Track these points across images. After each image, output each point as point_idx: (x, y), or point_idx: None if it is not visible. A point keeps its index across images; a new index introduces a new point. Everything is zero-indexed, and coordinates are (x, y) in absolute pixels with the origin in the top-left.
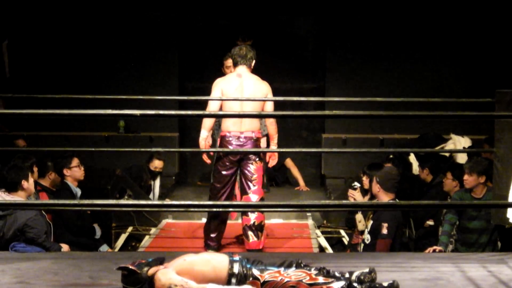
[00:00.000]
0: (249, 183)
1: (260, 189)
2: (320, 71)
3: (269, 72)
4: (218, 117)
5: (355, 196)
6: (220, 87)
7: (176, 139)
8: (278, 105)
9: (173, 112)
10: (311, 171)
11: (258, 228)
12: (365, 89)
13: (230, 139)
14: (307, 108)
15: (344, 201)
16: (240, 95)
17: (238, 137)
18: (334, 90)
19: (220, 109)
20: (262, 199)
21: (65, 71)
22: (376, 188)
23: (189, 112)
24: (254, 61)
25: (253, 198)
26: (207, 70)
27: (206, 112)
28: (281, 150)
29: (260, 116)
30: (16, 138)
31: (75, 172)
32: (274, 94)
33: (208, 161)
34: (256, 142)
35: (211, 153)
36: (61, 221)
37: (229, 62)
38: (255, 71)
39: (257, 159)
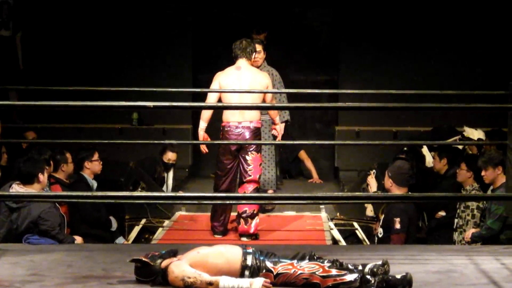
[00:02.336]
0: (244, 173)
1: (256, 179)
2: (334, 63)
3: (283, 64)
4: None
5: (369, 181)
6: (218, 80)
7: (190, 131)
8: (292, 97)
9: (186, 104)
10: (324, 164)
11: (249, 216)
12: (379, 82)
13: (228, 128)
14: (321, 100)
15: (357, 193)
16: (239, 87)
17: (236, 127)
18: (348, 82)
19: (219, 101)
20: (257, 189)
21: (78, 64)
22: (388, 183)
23: (202, 104)
24: (254, 54)
25: (248, 187)
26: (221, 62)
27: (214, 103)
28: (295, 142)
29: (273, 108)
30: (28, 130)
31: (95, 165)
32: (288, 86)
33: (205, 151)
34: (254, 131)
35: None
36: (78, 213)
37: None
38: (270, 63)
39: (254, 150)
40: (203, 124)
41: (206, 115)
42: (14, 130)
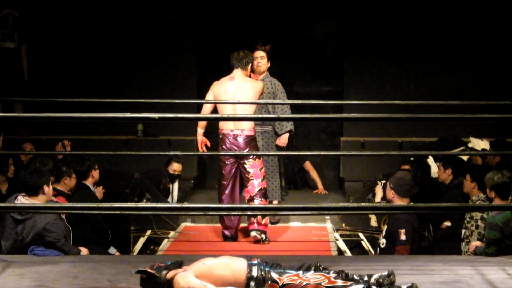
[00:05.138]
0: (246, 178)
1: (259, 183)
2: (338, 74)
3: (287, 76)
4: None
5: (377, 191)
6: (212, 90)
7: (195, 143)
8: (296, 108)
9: (191, 115)
10: (329, 174)
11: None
12: (384, 92)
13: (223, 136)
14: (325, 111)
15: (363, 204)
16: (231, 96)
17: (229, 134)
18: (353, 93)
19: (214, 111)
20: (261, 189)
21: (83, 75)
22: (390, 194)
23: (208, 116)
24: (250, 65)
25: (252, 190)
26: (226, 74)
27: (208, 113)
28: (300, 153)
29: (278, 119)
30: (25, 142)
31: (97, 174)
32: (293, 97)
33: (202, 149)
34: (246, 139)
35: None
36: (89, 224)
37: (256, 53)
38: (274, 74)
39: (251, 158)
40: (200, 130)
41: (201, 122)
42: (20, 142)
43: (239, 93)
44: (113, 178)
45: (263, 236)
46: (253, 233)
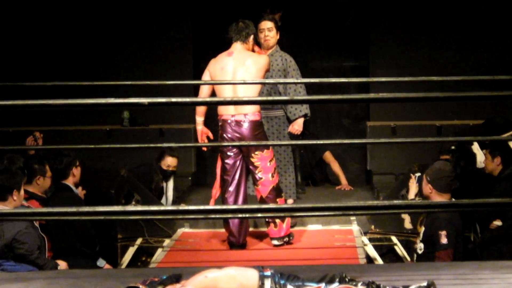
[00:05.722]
0: (255, 174)
1: (268, 179)
2: (363, 46)
3: (301, 50)
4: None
5: (410, 186)
6: (208, 69)
7: (192, 132)
8: (313, 88)
9: (187, 99)
10: (354, 167)
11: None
12: (417, 67)
13: (223, 123)
14: (348, 91)
15: (395, 202)
16: (231, 75)
17: (229, 121)
18: (380, 68)
19: (213, 93)
20: (273, 188)
21: (59, 55)
22: (427, 188)
23: (207, 99)
24: (252, 37)
25: (264, 190)
26: (226, 49)
27: (206, 97)
28: (318, 142)
29: (291, 102)
30: None
31: (79, 172)
32: (308, 75)
33: (204, 148)
34: (252, 126)
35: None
36: (73, 231)
37: (263, 24)
38: (285, 48)
39: (258, 149)
40: (199, 119)
41: (200, 108)
42: None
43: (239, 71)
44: (95, 177)
45: (286, 239)
46: (275, 242)
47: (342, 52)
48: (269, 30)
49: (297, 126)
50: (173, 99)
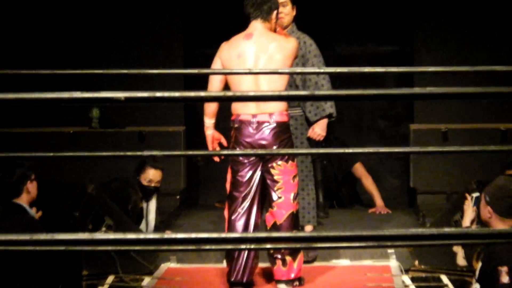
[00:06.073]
0: (272, 192)
1: (289, 201)
2: (405, 26)
3: (325, 31)
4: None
5: (466, 210)
6: (219, 56)
7: (182, 136)
8: (339, 80)
9: (176, 93)
10: (393, 183)
11: (288, 253)
12: (472, 55)
13: (239, 125)
14: (385, 84)
15: (447, 229)
16: (250, 64)
17: (250, 122)
18: (427, 55)
19: (226, 85)
20: (292, 214)
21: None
22: (485, 212)
23: (202, 94)
24: (275, 13)
25: (279, 214)
26: (225, 35)
27: (217, 91)
28: (347, 150)
29: (313, 98)
30: None
31: (35, 187)
32: (333, 63)
33: (217, 158)
34: (278, 128)
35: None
36: (25, 265)
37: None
38: (303, 28)
39: (282, 159)
40: (208, 121)
41: (210, 108)
42: None
43: (261, 59)
44: (55, 194)
45: (296, 283)
46: (282, 286)
47: (378, 34)
48: (283, 6)
49: (319, 130)
50: (158, 94)
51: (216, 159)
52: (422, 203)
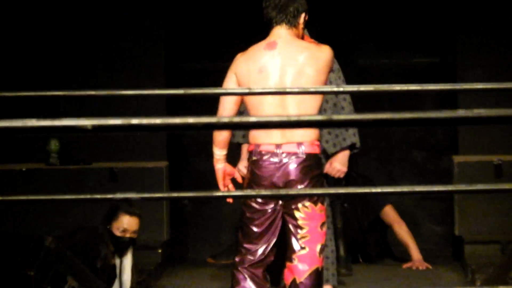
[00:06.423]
0: (294, 241)
1: (314, 254)
2: (445, 35)
3: (345, 39)
4: (243, 128)
5: None
6: (234, 70)
7: (164, 173)
8: (366, 100)
9: (157, 120)
10: (433, 230)
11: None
12: None
13: (258, 157)
14: (423, 105)
15: None
16: (276, 79)
17: (273, 153)
18: (473, 69)
19: (242, 108)
20: (317, 271)
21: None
22: None
23: (190, 120)
24: (303, 16)
25: (300, 270)
26: (216, 41)
27: (224, 118)
28: (374, 190)
29: (331, 125)
30: None
31: None
32: (356, 79)
33: (230, 199)
34: (307, 162)
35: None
36: None
37: None
38: (318, 37)
39: (309, 200)
40: (219, 152)
41: (220, 135)
42: None
43: (288, 73)
44: (5, 248)
45: None
46: None
47: (414, 44)
48: None
49: (339, 165)
50: (134, 120)
51: (230, 200)
52: (470, 256)
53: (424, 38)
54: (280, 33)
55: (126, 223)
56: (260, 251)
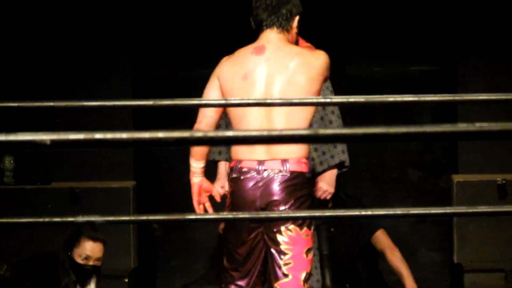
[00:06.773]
0: (276, 267)
1: (298, 283)
2: (443, 42)
3: (333, 45)
4: (220, 144)
5: None
6: (218, 75)
7: (131, 194)
8: (356, 113)
9: (123, 134)
10: (430, 258)
11: None
12: None
13: (239, 175)
14: (420, 119)
15: None
16: (260, 88)
17: (255, 170)
18: (474, 78)
19: (226, 117)
20: None
21: None
22: None
23: (160, 135)
24: (297, 19)
25: None
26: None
27: (199, 132)
28: (365, 213)
29: (317, 141)
30: None
31: None
32: (347, 90)
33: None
34: (291, 181)
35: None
36: None
37: None
38: (320, 46)
39: (293, 223)
40: (195, 165)
41: (197, 148)
42: None
43: (277, 81)
44: None
45: None
46: None
47: (412, 52)
48: None
49: (326, 185)
50: (97, 135)
51: (222, 227)
52: (470, 285)
53: (422, 44)
54: (270, 37)
55: (89, 250)
56: (241, 275)
